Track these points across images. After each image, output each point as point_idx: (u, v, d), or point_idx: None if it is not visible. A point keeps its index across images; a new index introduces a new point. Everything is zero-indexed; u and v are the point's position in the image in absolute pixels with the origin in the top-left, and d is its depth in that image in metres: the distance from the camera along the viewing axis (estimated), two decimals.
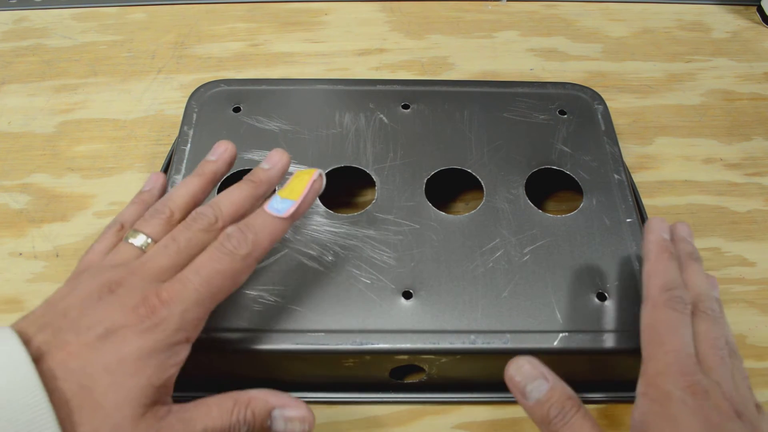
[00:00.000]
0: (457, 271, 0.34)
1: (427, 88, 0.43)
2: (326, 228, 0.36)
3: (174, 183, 0.38)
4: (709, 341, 0.28)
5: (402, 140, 0.40)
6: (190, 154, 0.39)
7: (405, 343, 0.32)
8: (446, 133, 0.41)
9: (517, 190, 0.38)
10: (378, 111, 0.42)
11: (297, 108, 0.42)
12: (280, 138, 0.40)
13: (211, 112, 0.42)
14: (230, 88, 0.43)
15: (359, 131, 0.41)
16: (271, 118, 0.41)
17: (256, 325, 0.32)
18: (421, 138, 0.40)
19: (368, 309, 0.33)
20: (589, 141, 0.41)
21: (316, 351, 0.32)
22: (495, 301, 0.33)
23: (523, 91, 0.43)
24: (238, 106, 0.42)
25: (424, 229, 0.36)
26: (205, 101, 0.42)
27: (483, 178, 0.38)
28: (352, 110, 0.42)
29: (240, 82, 0.43)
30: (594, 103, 0.43)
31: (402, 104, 0.42)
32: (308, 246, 0.35)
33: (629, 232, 0.36)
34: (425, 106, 0.42)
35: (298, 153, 0.40)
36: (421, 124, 0.41)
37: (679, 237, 0.33)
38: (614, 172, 0.39)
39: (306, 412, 0.27)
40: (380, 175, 0.39)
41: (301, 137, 0.40)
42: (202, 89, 0.43)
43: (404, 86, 0.43)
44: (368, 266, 0.35)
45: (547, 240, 0.36)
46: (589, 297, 0.34)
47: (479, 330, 0.32)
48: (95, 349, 0.24)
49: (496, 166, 0.39)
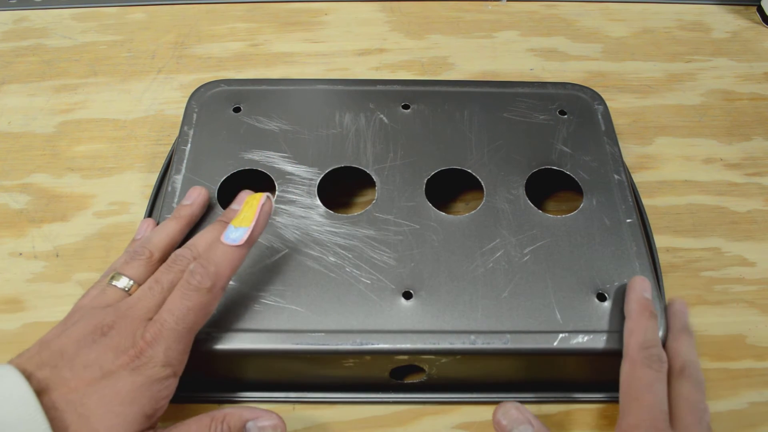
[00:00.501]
0: (457, 271, 0.34)
1: (427, 89, 0.43)
2: (326, 228, 0.36)
3: (174, 183, 0.38)
4: (690, 403, 0.30)
5: (402, 140, 0.40)
6: (190, 154, 0.39)
7: (405, 343, 0.32)
8: (446, 134, 0.41)
9: (517, 191, 0.38)
10: (378, 111, 0.42)
11: (297, 108, 0.42)
12: (280, 138, 0.40)
13: (212, 112, 0.42)
14: (230, 88, 0.43)
15: (359, 131, 0.41)
16: (271, 118, 0.41)
17: (257, 326, 0.32)
18: (421, 138, 0.40)
19: (368, 309, 0.33)
20: (589, 141, 0.41)
21: (316, 351, 0.32)
22: (495, 301, 0.33)
23: (523, 91, 0.43)
24: (238, 106, 0.42)
25: (424, 230, 0.36)
26: (205, 101, 0.42)
27: (483, 178, 0.39)
28: (352, 110, 0.42)
29: (240, 82, 0.43)
30: (594, 103, 0.43)
31: (402, 104, 0.42)
32: (309, 246, 0.35)
33: (629, 233, 0.36)
34: (425, 106, 0.42)
35: (299, 153, 0.40)
36: (421, 125, 0.41)
37: (675, 311, 0.34)
38: (614, 172, 0.39)
39: (278, 420, 0.29)
40: (380, 176, 0.39)
41: (301, 137, 0.40)
42: (203, 89, 0.43)
43: (404, 86, 0.43)
44: (368, 266, 0.35)
45: (547, 240, 0.36)
46: (589, 297, 0.34)
47: (479, 330, 0.32)
48: (92, 386, 0.27)
49: (496, 166, 0.39)
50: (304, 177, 0.38)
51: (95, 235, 0.42)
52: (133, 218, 0.42)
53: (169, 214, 0.36)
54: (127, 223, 0.42)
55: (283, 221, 0.36)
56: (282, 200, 0.37)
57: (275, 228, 0.36)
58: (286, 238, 0.36)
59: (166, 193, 0.37)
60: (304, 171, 0.39)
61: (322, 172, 0.39)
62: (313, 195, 0.38)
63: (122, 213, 0.43)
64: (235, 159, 0.39)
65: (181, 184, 0.38)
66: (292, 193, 0.38)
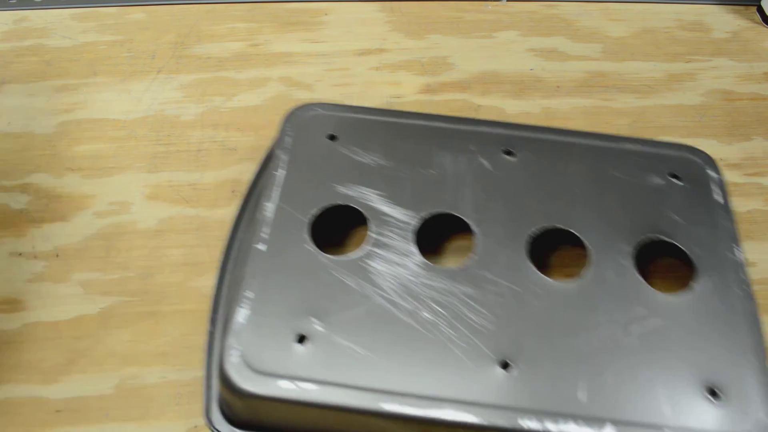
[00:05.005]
0: (559, 344, 0.32)
1: (531, 135, 0.41)
2: (422, 280, 0.35)
3: (265, 211, 0.37)
4: None
5: (503, 190, 0.38)
6: (286, 181, 0.38)
7: (501, 420, 0.30)
8: (550, 187, 0.38)
9: (626, 261, 0.36)
10: (479, 155, 0.40)
11: (395, 142, 0.40)
12: (375, 173, 0.38)
13: (306, 137, 0.40)
14: (326, 113, 0.41)
15: (458, 175, 0.39)
16: (367, 151, 0.39)
17: (342, 379, 0.31)
18: (524, 189, 0.38)
19: (463, 376, 0.31)
20: (702, 211, 0.38)
21: (407, 416, 0.30)
22: (598, 383, 0.31)
23: (633, 148, 0.41)
24: (333, 134, 0.40)
25: (525, 293, 0.34)
26: (299, 125, 0.41)
27: (589, 242, 0.36)
28: (451, 151, 0.40)
29: (336, 107, 0.42)
30: (707, 168, 0.40)
31: (504, 150, 0.40)
32: (403, 298, 0.34)
33: (745, 322, 0.33)
34: (528, 154, 0.40)
35: (395, 192, 0.38)
36: (523, 174, 0.39)
37: None
38: (729, 250, 0.36)
39: None
40: (480, 227, 0.36)
41: (397, 174, 0.38)
42: (297, 111, 0.41)
43: (507, 130, 0.41)
44: (465, 328, 0.33)
45: (656, 320, 0.33)
46: (699, 391, 0.31)
47: (581, 415, 0.30)
48: None
49: (602, 229, 0.37)
50: (400, 220, 0.37)
51: (95, 235, 0.42)
52: (134, 218, 0.42)
53: (260, 243, 0.35)
54: (127, 223, 0.42)
55: (377, 266, 0.35)
56: (377, 243, 0.36)
57: (368, 273, 0.35)
58: (379, 284, 0.34)
59: (257, 219, 0.37)
60: (401, 213, 0.37)
61: (419, 216, 0.37)
62: (408, 241, 0.36)
63: (122, 213, 0.43)
64: (329, 191, 0.37)
65: (275, 214, 0.36)
66: (387, 237, 0.36)
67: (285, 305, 0.34)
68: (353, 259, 0.35)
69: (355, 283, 0.34)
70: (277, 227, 0.36)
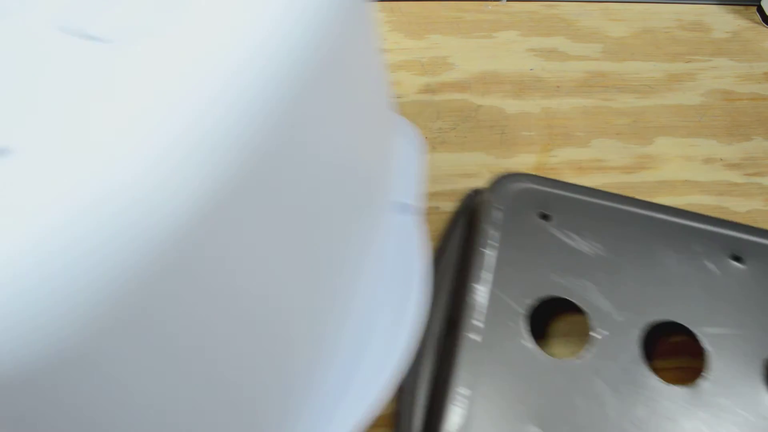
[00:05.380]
0: None
1: (762, 240, 0.37)
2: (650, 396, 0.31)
3: (476, 294, 0.34)
4: None
5: (733, 302, 0.34)
6: (498, 263, 0.35)
7: None
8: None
9: None
10: (704, 257, 0.36)
11: (613, 229, 0.37)
12: (593, 264, 0.35)
13: (516, 213, 0.36)
14: (537, 188, 0.38)
15: (683, 277, 0.35)
16: (583, 237, 0.36)
17: None
18: (755, 304, 0.34)
19: None
20: None
21: None
22: None
23: None
24: (547, 214, 0.37)
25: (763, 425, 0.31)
26: (509, 198, 0.37)
27: None
28: (674, 248, 0.36)
29: (549, 183, 0.38)
30: None
31: (732, 255, 0.36)
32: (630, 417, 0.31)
33: None
34: (760, 263, 0.36)
35: (617, 289, 0.34)
36: (755, 287, 0.35)
37: None
38: None
39: None
40: (713, 344, 0.33)
41: (618, 268, 0.35)
42: (505, 182, 0.38)
43: (735, 231, 0.37)
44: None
45: None
46: None
47: None
48: None
49: None
50: (622, 322, 0.33)
51: None
52: None
53: (472, 333, 0.32)
54: None
55: (602, 376, 0.32)
56: (600, 348, 0.33)
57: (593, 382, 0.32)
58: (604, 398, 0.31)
59: (467, 304, 0.33)
60: (623, 316, 0.34)
61: (645, 322, 0.33)
62: (635, 350, 0.33)
63: None
64: (545, 280, 0.35)
65: (489, 300, 0.33)
66: (611, 342, 0.33)
67: (505, 408, 0.31)
68: (577, 364, 0.32)
69: (581, 393, 0.31)
70: (492, 316, 0.33)
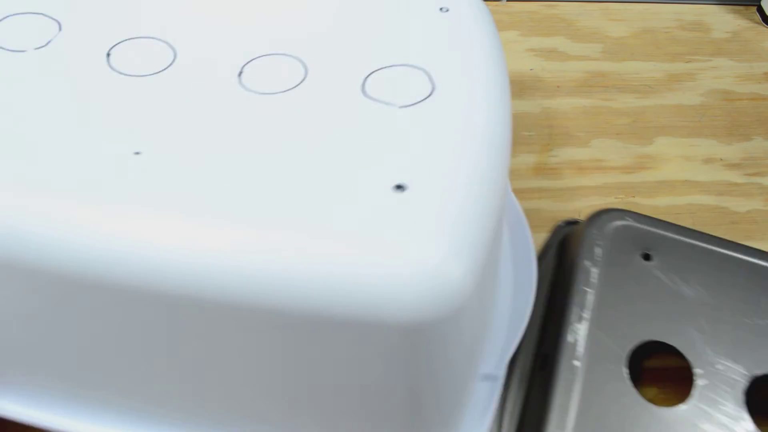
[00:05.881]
0: None
1: None
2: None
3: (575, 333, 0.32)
4: None
5: None
6: (597, 302, 0.33)
7: None
8: None
9: None
10: None
11: (717, 274, 0.35)
12: (697, 311, 0.33)
13: (617, 251, 0.35)
14: (639, 227, 0.36)
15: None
16: (686, 281, 0.34)
17: None
18: None
19: None
20: None
21: None
22: None
23: None
24: (648, 254, 0.35)
25: None
26: (608, 235, 0.36)
27: None
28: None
29: (650, 221, 0.37)
30: None
31: None
32: None
33: None
34: None
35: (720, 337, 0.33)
36: None
37: None
38: None
39: None
40: None
41: (721, 316, 0.33)
42: (605, 217, 0.37)
43: None
44: None
45: None
46: None
47: None
48: None
49: None
50: (727, 373, 0.32)
51: None
52: None
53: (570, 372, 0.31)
54: None
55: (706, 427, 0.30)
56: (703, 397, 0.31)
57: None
58: None
59: (566, 343, 0.32)
60: (728, 366, 0.32)
61: (750, 375, 0.31)
62: (739, 403, 0.31)
63: None
64: (646, 323, 0.33)
65: (586, 339, 0.32)
66: (714, 392, 0.31)
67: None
68: (677, 412, 0.31)
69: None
70: (591, 357, 0.32)
